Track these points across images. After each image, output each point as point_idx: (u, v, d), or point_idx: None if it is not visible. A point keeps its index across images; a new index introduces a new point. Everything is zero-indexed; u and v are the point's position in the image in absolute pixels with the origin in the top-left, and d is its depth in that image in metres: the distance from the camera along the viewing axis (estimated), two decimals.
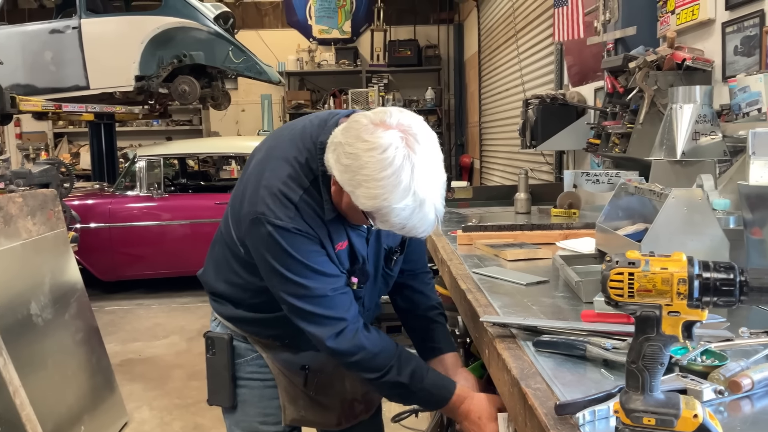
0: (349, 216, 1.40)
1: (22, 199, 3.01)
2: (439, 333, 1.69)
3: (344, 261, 1.47)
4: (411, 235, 1.32)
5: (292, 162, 1.41)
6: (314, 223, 1.39)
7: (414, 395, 1.47)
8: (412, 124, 1.26)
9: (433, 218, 1.28)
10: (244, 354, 1.65)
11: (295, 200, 1.38)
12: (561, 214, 2.70)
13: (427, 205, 1.25)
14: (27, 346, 2.86)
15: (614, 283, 0.80)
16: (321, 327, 1.42)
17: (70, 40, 6.62)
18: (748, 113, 2.20)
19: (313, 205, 1.39)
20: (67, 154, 10.27)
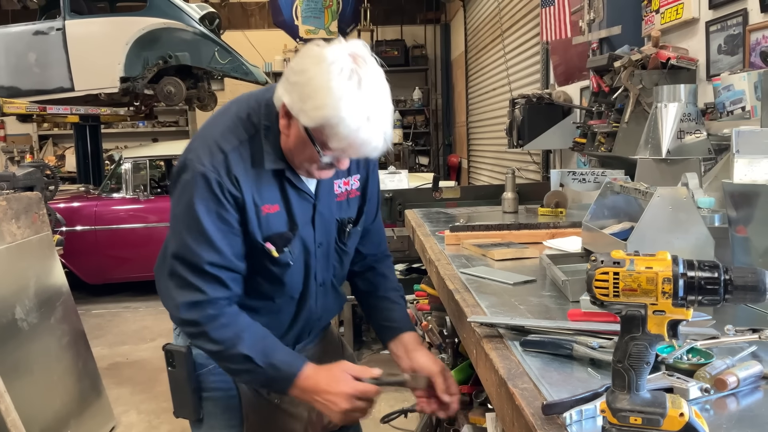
0: (299, 158, 1.37)
1: (6, 202, 2.98)
2: (398, 313, 1.66)
3: (273, 225, 1.42)
4: (361, 154, 1.30)
5: (232, 117, 1.41)
6: (243, 177, 1.37)
7: (261, 370, 1.40)
8: (360, 47, 1.28)
9: (381, 139, 1.27)
10: (206, 363, 1.57)
11: (226, 150, 1.36)
12: (548, 213, 2.71)
13: (375, 120, 1.25)
14: (12, 350, 2.83)
15: (599, 282, 0.80)
16: (181, 291, 1.39)
17: (55, 42, 6.57)
18: (732, 111, 2.22)
19: (248, 157, 1.38)
20: (52, 157, 10.18)
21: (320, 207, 1.49)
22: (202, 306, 1.39)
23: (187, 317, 1.40)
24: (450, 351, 2.23)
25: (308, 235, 1.49)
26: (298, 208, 1.45)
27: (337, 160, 1.35)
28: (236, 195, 1.36)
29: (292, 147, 1.36)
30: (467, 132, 8.82)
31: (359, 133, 1.24)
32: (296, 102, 1.27)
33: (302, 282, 1.53)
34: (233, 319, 1.41)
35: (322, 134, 1.27)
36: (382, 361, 4.59)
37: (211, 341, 1.41)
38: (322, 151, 1.31)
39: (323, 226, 1.51)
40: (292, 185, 1.44)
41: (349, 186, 1.56)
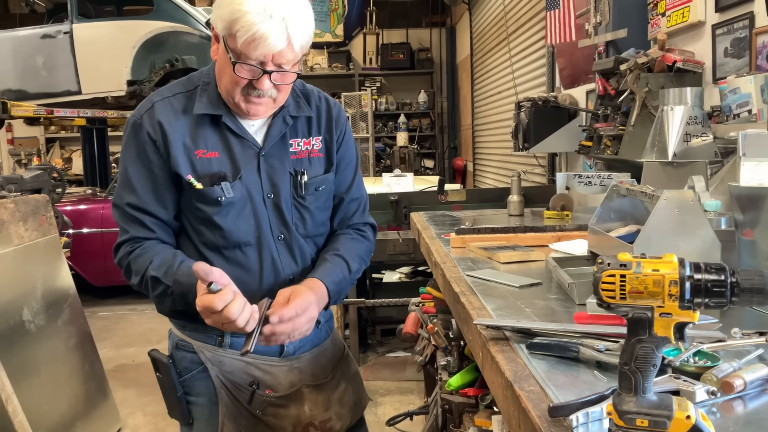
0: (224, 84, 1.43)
1: (14, 204, 3.00)
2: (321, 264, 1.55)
3: (209, 168, 1.46)
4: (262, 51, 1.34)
5: (173, 82, 1.56)
6: (171, 122, 1.45)
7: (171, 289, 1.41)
8: None
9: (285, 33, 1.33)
10: (191, 368, 1.55)
11: (154, 100, 1.48)
12: (554, 216, 2.71)
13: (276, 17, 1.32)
14: (19, 352, 2.84)
15: (606, 285, 0.80)
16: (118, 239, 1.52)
17: (62, 45, 6.61)
18: (739, 114, 2.22)
19: (177, 105, 1.47)
20: (59, 160, 10.23)
21: (267, 156, 1.51)
22: (125, 244, 1.49)
23: (116, 259, 1.51)
24: (456, 354, 2.23)
25: (254, 183, 1.50)
26: (240, 155, 1.49)
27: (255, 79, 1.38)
28: (156, 137, 1.45)
29: (218, 72, 1.44)
30: (473, 135, 8.82)
31: (261, 26, 1.31)
32: (215, 10, 1.37)
33: (254, 232, 1.51)
34: (148, 248, 1.48)
35: (233, 39, 1.34)
36: (388, 364, 4.60)
37: (133, 273, 1.49)
38: (234, 56, 1.36)
39: (272, 175, 1.52)
40: (233, 133, 1.48)
41: (310, 146, 1.57)
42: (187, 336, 1.58)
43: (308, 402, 1.60)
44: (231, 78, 1.40)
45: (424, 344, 2.66)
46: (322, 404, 1.63)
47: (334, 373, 1.69)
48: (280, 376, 1.57)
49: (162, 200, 1.48)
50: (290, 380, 1.58)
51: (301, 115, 1.56)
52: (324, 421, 1.63)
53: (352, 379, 1.75)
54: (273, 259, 1.54)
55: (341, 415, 1.67)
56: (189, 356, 1.57)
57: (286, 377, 1.58)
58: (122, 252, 1.50)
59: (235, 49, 1.35)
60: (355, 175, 1.67)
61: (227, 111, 1.47)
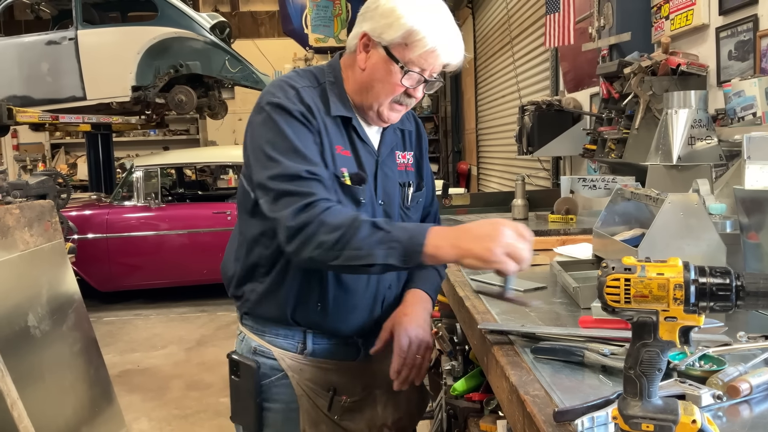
0: (373, 91, 1.42)
1: (19, 210, 3.01)
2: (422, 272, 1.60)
3: (344, 164, 1.42)
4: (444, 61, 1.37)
5: (297, 71, 1.50)
6: (317, 109, 1.41)
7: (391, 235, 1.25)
8: None
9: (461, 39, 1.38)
10: (270, 374, 1.54)
11: (297, 86, 1.42)
12: (558, 220, 2.70)
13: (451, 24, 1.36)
14: (25, 357, 2.85)
15: (611, 289, 0.80)
16: (285, 206, 1.30)
17: (67, 51, 6.64)
18: (743, 117, 2.21)
19: (315, 98, 1.42)
20: (64, 165, 10.27)
21: (382, 165, 1.51)
22: (312, 205, 1.29)
23: (298, 222, 1.28)
24: (460, 358, 2.23)
25: (372, 190, 1.49)
26: (364, 158, 1.47)
27: (414, 88, 1.40)
28: (311, 119, 1.39)
29: (368, 80, 1.41)
30: (477, 139, 8.82)
31: (441, 34, 1.34)
32: (378, 22, 1.36)
33: None
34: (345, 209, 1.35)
35: (404, 47, 1.35)
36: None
37: (329, 230, 1.26)
38: (406, 64, 1.36)
39: (385, 183, 1.52)
40: (359, 136, 1.47)
41: (407, 159, 1.59)
42: (266, 342, 1.56)
43: (381, 404, 1.62)
44: (389, 86, 1.40)
45: None
46: (393, 405, 1.64)
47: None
48: (355, 379, 1.57)
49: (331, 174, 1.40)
50: (364, 383, 1.59)
51: (405, 128, 1.59)
52: (396, 420, 1.65)
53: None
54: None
55: (411, 414, 1.70)
56: (269, 362, 1.55)
57: (361, 380, 1.58)
58: (312, 213, 1.28)
59: (404, 58, 1.36)
60: (434, 192, 1.73)
61: (355, 115, 1.47)
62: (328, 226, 1.27)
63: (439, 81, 1.43)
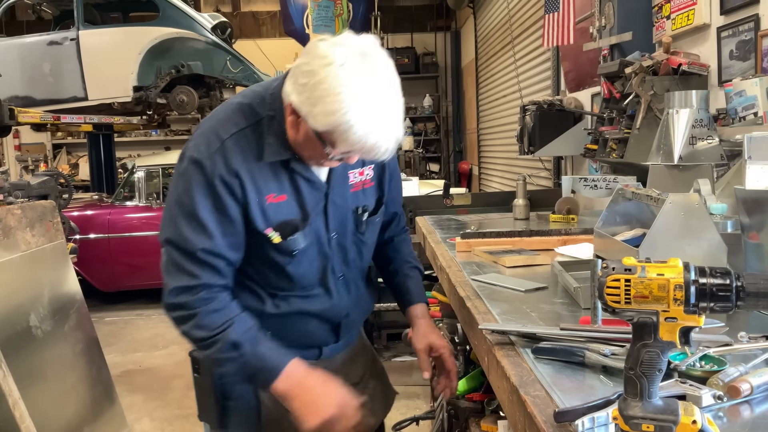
0: (306, 153, 1.34)
1: (20, 210, 3.01)
2: (410, 285, 1.70)
3: (280, 213, 1.40)
4: (370, 157, 1.28)
5: (233, 105, 1.39)
6: (242, 165, 1.34)
7: (246, 359, 1.36)
8: (369, 44, 1.24)
9: (393, 140, 1.24)
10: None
11: (223, 137, 1.34)
12: (559, 219, 2.70)
13: (386, 124, 1.23)
14: (26, 358, 2.85)
15: (611, 289, 0.80)
16: (173, 277, 1.36)
17: (69, 52, 6.64)
18: (745, 117, 2.21)
19: (247, 146, 1.35)
20: (66, 165, 10.28)
21: (333, 196, 1.46)
22: (195, 290, 1.35)
23: (177, 301, 1.36)
24: (461, 358, 2.23)
25: (320, 225, 1.46)
26: (308, 197, 1.43)
27: (347, 158, 1.34)
28: (232, 183, 1.34)
29: (301, 143, 1.33)
30: (478, 139, 8.82)
31: (369, 137, 1.22)
32: (305, 104, 1.24)
33: (319, 274, 1.50)
34: (225, 305, 1.38)
35: (331, 136, 1.25)
36: (393, 369, 4.58)
37: (200, 327, 1.36)
38: (332, 151, 1.29)
39: (337, 215, 1.49)
40: (301, 176, 1.41)
41: (364, 176, 1.54)
42: None
43: None
44: (321, 157, 1.32)
45: None
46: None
47: (364, 372, 1.72)
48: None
49: (235, 245, 1.39)
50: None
51: None
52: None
53: (381, 375, 1.80)
54: (332, 297, 1.55)
55: (374, 411, 1.71)
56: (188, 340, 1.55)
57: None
58: (191, 299, 1.36)
59: (333, 144, 1.26)
60: (401, 186, 1.71)
61: (293, 154, 1.38)
62: (197, 323, 1.35)
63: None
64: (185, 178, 1.35)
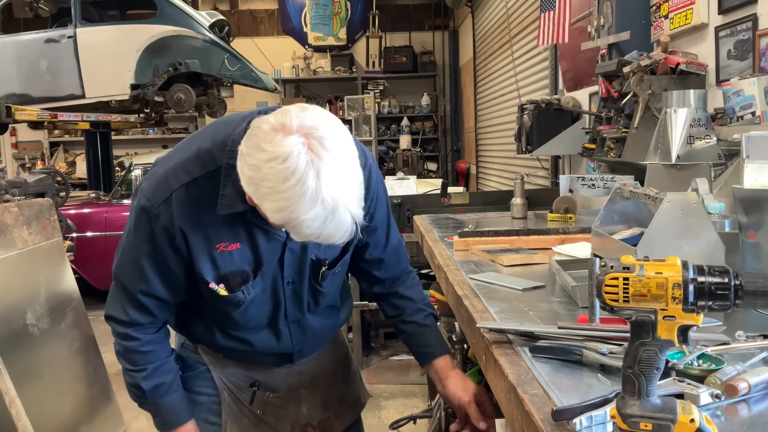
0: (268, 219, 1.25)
1: (17, 208, 3.00)
2: (427, 337, 1.62)
3: (234, 262, 1.37)
4: (328, 243, 1.21)
5: (193, 149, 1.35)
6: (189, 215, 1.31)
7: (147, 404, 1.48)
8: (316, 125, 1.13)
9: (350, 223, 1.15)
10: (194, 366, 1.59)
11: (173, 187, 1.31)
12: (557, 218, 2.70)
13: (340, 210, 1.13)
14: (23, 356, 2.85)
15: (609, 288, 0.80)
16: (111, 304, 1.47)
17: (66, 50, 6.62)
18: (742, 117, 2.21)
19: (198, 196, 1.31)
20: (63, 163, 10.25)
21: (291, 245, 1.41)
22: (124, 325, 1.45)
23: (111, 325, 1.47)
24: (459, 357, 2.22)
25: (274, 272, 1.43)
26: (264, 246, 1.38)
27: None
28: (174, 236, 1.33)
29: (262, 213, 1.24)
30: (476, 138, 8.82)
31: (326, 226, 1.14)
32: (254, 196, 1.17)
33: (268, 319, 1.49)
34: (149, 348, 1.46)
35: (285, 227, 1.20)
36: (391, 367, 4.58)
37: (120, 356, 1.48)
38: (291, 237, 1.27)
39: (294, 264, 1.44)
40: (258, 226, 1.36)
41: None
42: (190, 339, 1.61)
43: (306, 403, 1.63)
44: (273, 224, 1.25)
45: None
46: (320, 404, 1.65)
47: (333, 372, 1.71)
48: (278, 379, 1.59)
49: (174, 287, 1.42)
50: (289, 383, 1.60)
51: None
52: (322, 420, 1.66)
53: (352, 378, 1.78)
54: (281, 338, 1.54)
55: (340, 413, 1.70)
56: (193, 356, 1.60)
57: (286, 380, 1.60)
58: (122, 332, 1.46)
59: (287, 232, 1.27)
60: (389, 228, 1.60)
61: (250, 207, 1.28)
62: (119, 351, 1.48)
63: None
64: (133, 220, 1.40)
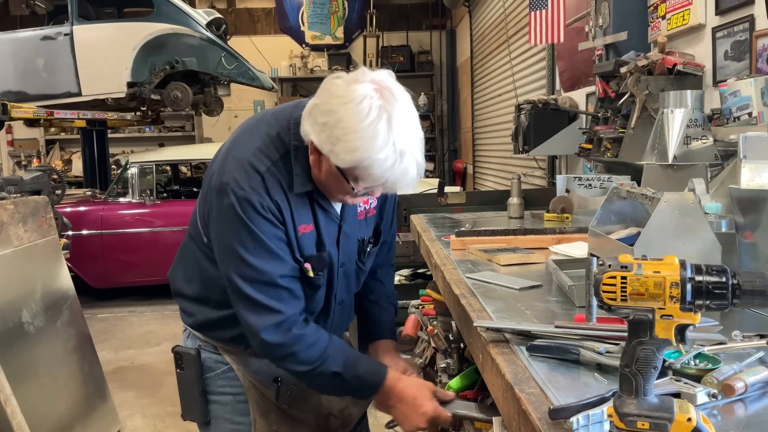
0: (330, 188, 1.36)
1: (13, 206, 2.99)
2: (384, 319, 1.71)
3: (307, 245, 1.42)
4: (393, 191, 1.31)
5: (262, 136, 1.40)
6: (280, 198, 1.36)
7: (348, 383, 1.45)
8: (385, 79, 1.26)
9: (415, 172, 1.26)
10: (215, 367, 1.58)
11: (261, 171, 1.35)
12: (554, 218, 2.71)
13: (407, 156, 1.24)
14: (18, 354, 2.84)
15: (607, 287, 0.80)
16: (259, 316, 1.38)
17: (62, 47, 6.60)
18: (739, 117, 2.22)
19: (281, 178, 1.37)
20: (59, 161, 10.22)
21: (345, 227, 1.49)
22: (285, 326, 1.39)
23: (273, 340, 1.39)
24: (456, 356, 2.22)
25: (333, 255, 1.49)
26: (325, 229, 1.45)
27: (372, 192, 1.36)
28: (277, 215, 1.37)
29: (323, 180, 1.35)
30: (473, 137, 8.82)
31: (393, 170, 1.24)
32: (325, 143, 1.25)
33: (323, 302, 1.54)
34: (317, 337, 1.43)
35: (354, 172, 1.27)
36: None
37: (300, 362, 1.42)
38: (356, 186, 1.30)
39: (346, 246, 1.52)
40: (321, 207, 1.44)
41: (368, 205, 1.56)
42: (211, 338, 1.59)
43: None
44: (345, 191, 1.34)
45: (424, 346, 2.66)
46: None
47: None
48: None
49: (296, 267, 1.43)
50: None
51: None
52: (341, 409, 1.69)
53: None
54: (328, 321, 1.57)
55: (356, 402, 1.73)
56: (213, 356, 1.59)
57: None
58: (286, 338, 1.39)
59: (356, 180, 1.29)
60: (393, 216, 1.70)
61: (315, 186, 1.40)
62: (296, 360, 1.41)
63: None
64: (235, 216, 1.35)
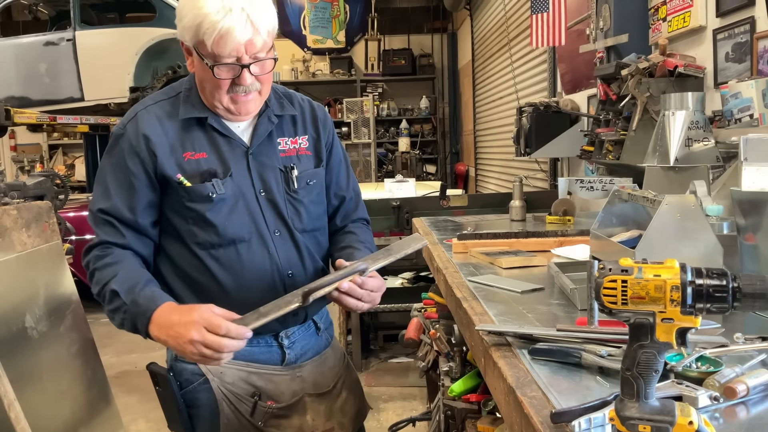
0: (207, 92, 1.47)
1: (16, 211, 3.00)
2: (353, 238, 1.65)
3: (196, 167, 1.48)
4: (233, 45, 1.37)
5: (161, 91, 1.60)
6: (156, 130, 1.47)
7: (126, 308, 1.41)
8: None
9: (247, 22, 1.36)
10: (192, 379, 1.55)
11: (138, 109, 1.52)
12: (556, 221, 2.71)
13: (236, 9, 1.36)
14: (22, 359, 2.84)
15: (607, 290, 0.80)
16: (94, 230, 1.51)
17: (65, 52, 6.63)
18: (740, 119, 2.22)
19: (161, 114, 1.50)
20: (62, 166, 10.25)
21: (256, 154, 1.53)
22: (93, 248, 1.50)
23: (84, 262, 1.51)
24: (458, 359, 2.23)
25: (244, 181, 1.51)
26: (229, 154, 1.51)
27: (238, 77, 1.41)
28: (138, 144, 1.46)
29: (200, 81, 1.48)
30: (474, 140, 8.83)
31: (223, 22, 1.35)
32: (179, 28, 1.43)
33: (248, 228, 1.50)
34: (116, 258, 1.47)
35: (203, 44, 1.38)
36: (390, 370, 4.58)
37: (94, 282, 1.49)
38: (211, 60, 1.39)
39: (262, 172, 1.53)
40: (219, 133, 1.51)
41: (297, 144, 1.59)
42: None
43: (311, 412, 1.60)
44: (213, 83, 1.43)
45: (427, 350, 2.66)
46: (325, 414, 1.62)
47: (336, 382, 1.68)
48: (282, 385, 1.56)
49: (137, 207, 1.48)
50: (293, 390, 1.57)
51: (285, 114, 1.58)
52: (327, 430, 1.62)
53: (354, 388, 1.75)
54: (270, 254, 1.52)
55: (343, 424, 1.67)
56: (189, 367, 1.55)
57: (289, 387, 1.57)
58: (90, 256, 1.50)
59: (208, 54, 1.40)
60: (348, 172, 1.72)
61: (212, 114, 1.50)
62: (93, 279, 1.51)
63: (269, 59, 1.44)
64: (105, 150, 1.55)
